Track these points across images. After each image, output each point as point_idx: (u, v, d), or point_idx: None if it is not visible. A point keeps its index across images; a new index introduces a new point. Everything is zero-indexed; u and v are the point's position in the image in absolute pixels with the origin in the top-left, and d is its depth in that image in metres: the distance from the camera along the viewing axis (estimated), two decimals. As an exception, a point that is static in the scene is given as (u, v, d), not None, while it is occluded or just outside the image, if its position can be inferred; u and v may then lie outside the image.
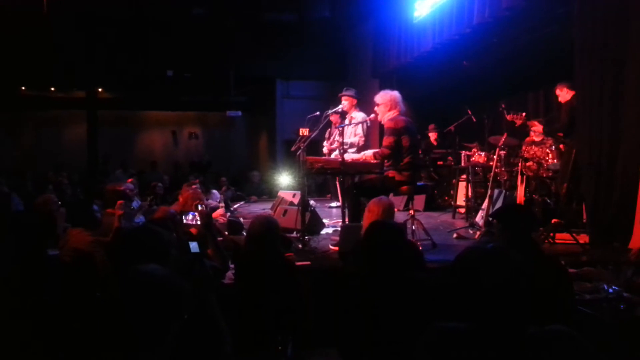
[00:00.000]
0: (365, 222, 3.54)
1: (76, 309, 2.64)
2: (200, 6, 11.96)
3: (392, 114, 5.03)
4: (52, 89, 14.07)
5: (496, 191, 5.93)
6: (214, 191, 8.10)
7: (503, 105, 6.02)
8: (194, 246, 3.22)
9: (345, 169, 5.00)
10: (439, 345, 1.63)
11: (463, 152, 7.10)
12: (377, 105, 5.14)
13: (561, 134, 5.73)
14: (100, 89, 13.89)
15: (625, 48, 4.44)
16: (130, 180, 8.28)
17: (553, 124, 5.73)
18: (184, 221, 3.99)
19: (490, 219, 4.94)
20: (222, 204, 6.69)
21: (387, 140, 4.94)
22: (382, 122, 5.21)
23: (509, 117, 5.73)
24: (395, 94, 5.15)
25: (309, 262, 4.24)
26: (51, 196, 4.76)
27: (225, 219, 6.15)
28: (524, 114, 5.77)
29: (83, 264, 3.58)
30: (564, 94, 5.72)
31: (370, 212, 3.58)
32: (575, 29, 4.91)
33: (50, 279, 2.94)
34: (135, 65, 12.04)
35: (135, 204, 6.00)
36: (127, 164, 13.32)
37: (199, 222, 3.79)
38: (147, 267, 1.65)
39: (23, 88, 13.75)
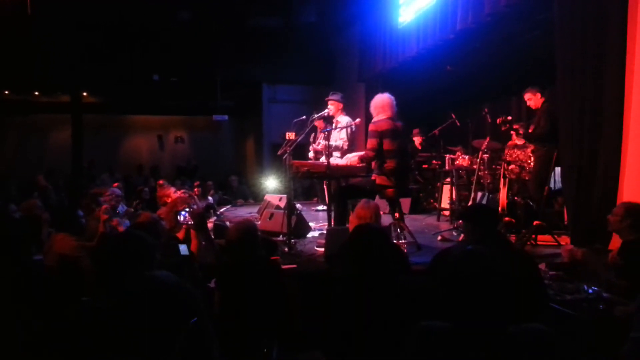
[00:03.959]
0: (352, 225, 3.58)
1: (62, 314, 2.64)
2: (186, 10, 11.95)
3: (379, 117, 5.03)
4: (37, 93, 13.95)
5: (479, 194, 6.01)
6: (209, 197, 8.13)
7: (486, 110, 6.10)
8: (183, 249, 3.24)
9: (331, 173, 5.03)
10: (425, 344, 1.67)
11: (447, 155, 7.19)
12: (371, 112, 5.17)
13: (530, 139, 5.80)
14: (85, 93, 13.79)
15: (604, 51, 4.53)
16: (116, 184, 8.24)
17: (534, 129, 5.81)
18: (178, 219, 4.04)
19: (459, 221, 5.01)
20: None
21: (369, 142, 4.96)
22: None
23: (498, 120, 5.79)
24: (386, 97, 5.12)
25: (295, 265, 4.25)
26: (36, 201, 4.73)
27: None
28: (509, 117, 5.85)
29: (68, 269, 3.56)
30: (536, 99, 5.82)
31: (357, 215, 3.62)
32: (556, 34, 5.00)
33: (35, 283, 2.92)
34: (120, 69, 11.99)
35: (121, 208, 5.98)
36: (113, 169, 13.23)
37: (190, 223, 3.84)
38: (158, 274, 1.64)
39: (7, 92, 13.60)
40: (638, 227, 3.52)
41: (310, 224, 6.05)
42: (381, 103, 5.07)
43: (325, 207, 6.99)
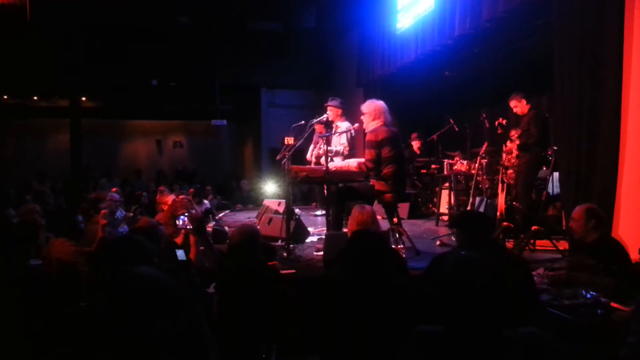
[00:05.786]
0: (349, 229, 3.59)
1: (59, 319, 2.64)
2: (185, 15, 11.98)
3: (375, 124, 5.03)
4: (35, 97, 13.95)
5: (478, 199, 6.01)
6: (205, 201, 8.12)
7: (484, 115, 6.10)
8: (180, 254, 3.23)
9: (330, 178, 5.04)
10: (420, 349, 1.68)
11: (446, 160, 7.20)
12: (363, 114, 5.18)
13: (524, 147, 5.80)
14: (83, 98, 13.80)
15: (601, 56, 4.55)
16: (114, 189, 8.22)
17: (523, 136, 5.80)
18: (177, 224, 4.04)
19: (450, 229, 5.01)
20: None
21: (368, 153, 4.96)
22: (365, 132, 5.25)
23: (496, 123, 5.77)
24: (380, 103, 5.14)
25: (293, 271, 4.25)
26: (34, 206, 4.72)
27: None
28: (505, 120, 5.85)
29: (66, 274, 3.55)
30: (522, 105, 5.84)
31: (356, 220, 3.63)
32: (554, 40, 5.02)
33: (33, 288, 2.93)
34: (119, 73, 12.01)
35: (119, 213, 5.97)
36: (112, 173, 13.22)
37: (189, 227, 3.84)
38: (141, 270, 1.65)
39: (5, 96, 13.61)
40: (600, 225, 3.68)
41: (309, 229, 6.05)
42: (375, 109, 5.07)
43: (324, 212, 7.00)
